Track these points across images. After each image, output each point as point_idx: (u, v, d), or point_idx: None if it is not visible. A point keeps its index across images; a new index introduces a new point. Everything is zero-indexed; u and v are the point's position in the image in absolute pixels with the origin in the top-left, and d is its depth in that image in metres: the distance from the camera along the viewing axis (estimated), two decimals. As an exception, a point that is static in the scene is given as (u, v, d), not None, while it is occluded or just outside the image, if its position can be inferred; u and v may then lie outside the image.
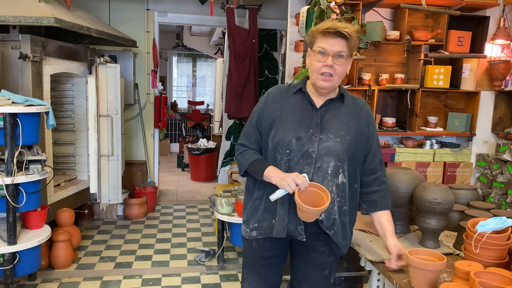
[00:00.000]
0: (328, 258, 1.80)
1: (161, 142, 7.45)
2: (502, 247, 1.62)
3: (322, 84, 1.65)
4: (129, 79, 5.01)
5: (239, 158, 1.78)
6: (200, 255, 3.75)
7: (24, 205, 2.92)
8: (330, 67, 1.62)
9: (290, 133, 1.66)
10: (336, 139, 1.66)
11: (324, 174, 1.65)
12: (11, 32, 3.26)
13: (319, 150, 1.64)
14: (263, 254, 1.80)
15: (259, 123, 1.76)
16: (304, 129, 1.66)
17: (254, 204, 1.77)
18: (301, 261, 1.81)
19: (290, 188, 1.55)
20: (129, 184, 5.18)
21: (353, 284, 2.97)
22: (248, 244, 1.82)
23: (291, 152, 1.65)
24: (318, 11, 3.13)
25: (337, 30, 1.59)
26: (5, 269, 2.88)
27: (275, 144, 1.68)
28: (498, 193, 3.51)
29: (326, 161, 1.64)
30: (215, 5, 4.83)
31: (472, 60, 3.58)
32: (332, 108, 1.72)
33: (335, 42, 1.61)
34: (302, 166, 1.64)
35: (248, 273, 1.85)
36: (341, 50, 1.62)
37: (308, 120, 1.68)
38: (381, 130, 3.59)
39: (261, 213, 1.74)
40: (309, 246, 1.77)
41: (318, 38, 1.64)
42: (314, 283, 1.81)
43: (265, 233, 1.74)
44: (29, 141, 2.89)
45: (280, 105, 1.73)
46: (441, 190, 1.91)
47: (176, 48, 9.85)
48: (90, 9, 4.82)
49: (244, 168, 1.74)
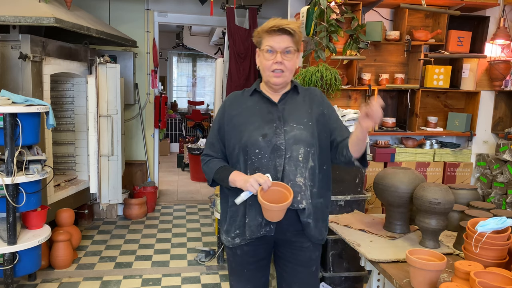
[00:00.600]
0: (314, 254, 1.83)
1: (161, 142, 7.46)
2: (502, 247, 1.62)
3: (275, 81, 1.72)
4: (129, 79, 5.01)
5: (205, 168, 1.83)
6: (200, 255, 3.76)
7: (24, 205, 2.92)
8: (280, 63, 1.69)
9: (255, 132, 1.70)
10: (300, 127, 1.72)
11: (296, 162, 1.69)
12: (11, 32, 3.26)
13: (286, 141, 1.69)
14: (249, 259, 1.82)
15: (221, 131, 1.80)
16: (268, 125, 1.72)
17: (231, 212, 1.80)
18: (287, 261, 1.82)
19: (253, 188, 1.59)
20: (129, 184, 5.18)
21: (353, 284, 2.97)
22: (232, 251, 1.83)
23: (260, 150, 1.69)
24: (318, 11, 3.13)
25: (281, 27, 1.65)
26: (5, 269, 2.88)
27: (243, 146, 1.71)
28: (498, 193, 3.51)
29: (295, 150, 1.69)
30: (215, 5, 4.83)
31: (472, 60, 3.58)
32: (289, 100, 1.79)
33: (281, 39, 1.67)
34: (274, 160, 1.68)
35: (236, 280, 1.87)
36: (287, 46, 1.68)
37: (270, 116, 1.74)
38: (381, 130, 3.59)
39: (240, 219, 1.76)
40: (294, 244, 1.79)
41: (264, 37, 1.71)
42: (304, 281, 1.82)
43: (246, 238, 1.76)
44: (29, 141, 2.89)
45: (240, 109, 1.78)
46: (441, 190, 1.91)
47: (176, 48, 9.85)
48: (90, 9, 4.82)
49: (211, 177, 1.79)
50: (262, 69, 1.75)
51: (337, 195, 2.86)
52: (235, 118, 1.76)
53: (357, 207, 2.89)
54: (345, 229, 2.26)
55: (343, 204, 2.89)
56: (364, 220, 2.38)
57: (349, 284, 2.96)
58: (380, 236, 2.12)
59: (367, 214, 2.56)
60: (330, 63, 3.34)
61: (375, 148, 3.52)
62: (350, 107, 3.56)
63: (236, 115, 1.77)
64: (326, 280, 2.90)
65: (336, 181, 2.85)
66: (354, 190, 2.90)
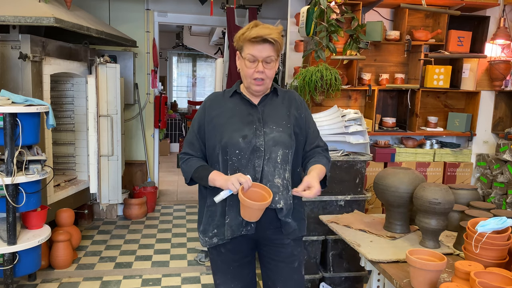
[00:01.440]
0: (295, 249, 1.86)
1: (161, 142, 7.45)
2: (502, 247, 1.62)
3: (256, 88, 1.76)
4: (129, 79, 5.01)
5: (184, 166, 1.83)
6: (200, 255, 3.75)
7: (24, 205, 2.92)
8: (262, 72, 1.72)
9: (235, 133, 1.73)
10: (279, 129, 1.76)
11: (274, 164, 1.72)
12: (11, 32, 3.26)
13: (266, 142, 1.73)
14: (233, 257, 1.85)
15: (201, 131, 1.82)
16: (248, 127, 1.75)
17: (209, 212, 1.82)
18: (271, 259, 1.86)
19: (234, 187, 1.61)
20: (129, 184, 5.18)
21: (353, 284, 2.97)
22: (216, 250, 1.85)
23: (240, 151, 1.71)
24: (318, 11, 3.13)
25: (263, 38, 1.67)
26: (5, 269, 2.88)
27: (223, 146, 1.73)
28: (498, 193, 3.51)
29: (274, 151, 1.73)
30: (215, 5, 4.83)
31: (472, 60, 3.58)
32: (268, 102, 1.83)
33: (262, 49, 1.70)
34: (253, 161, 1.71)
35: (222, 278, 1.89)
36: (269, 55, 1.71)
37: (250, 117, 1.77)
38: (381, 130, 3.59)
39: (219, 218, 1.78)
40: (274, 242, 1.82)
41: (245, 45, 1.73)
42: (287, 277, 1.85)
43: (225, 236, 1.77)
44: (29, 141, 2.88)
45: (220, 110, 1.81)
46: (441, 190, 1.91)
47: (176, 48, 9.85)
48: (90, 9, 4.82)
49: (189, 176, 1.80)
50: (243, 75, 1.78)
51: (337, 195, 2.86)
52: (215, 118, 1.79)
53: (357, 207, 2.89)
54: (345, 229, 2.26)
55: (343, 204, 2.88)
56: (364, 220, 2.38)
57: (349, 284, 2.96)
58: (380, 236, 2.12)
59: (367, 214, 2.56)
60: (330, 63, 3.34)
61: (375, 148, 3.52)
62: (350, 107, 3.56)
63: (216, 115, 1.80)
64: (326, 280, 2.90)
65: (336, 181, 2.85)
66: (354, 190, 2.90)
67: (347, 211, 2.82)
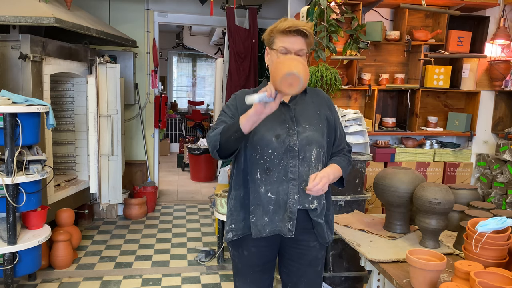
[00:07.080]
0: (320, 253, 1.82)
1: (161, 142, 7.46)
2: (502, 247, 1.62)
3: None
4: (129, 79, 5.01)
5: (210, 135, 1.67)
6: (200, 255, 3.76)
7: (24, 205, 2.92)
8: None
9: (268, 132, 1.68)
10: (312, 128, 1.73)
11: (309, 163, 1.70)
12: (11, 32, 3.26)
13: (299, 141, 1.69)
14: (256, 261, 1.81)
15: (235, 115, 1.72)
16: (281, 126, 1.70)
17: (229, 205, 1.79)
18: (294, 262, 1.81)
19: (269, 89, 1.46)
20: (129, 184, 5.18)
21: (353, 284, 2.97)
22: (239, 253, 1.82)
23: (274, 150, 1.67)
24: (318, 11, 3.13)
25: (297, 28, 1.62)
26: (5, 269, 2.88)
27: (254, 143, 1.69)
28: (498, 193, 3.51)
29: (308, 150, 1.70)
30: (215, 5, 4.83)
31: (472, 60, 3.58)
32: (299, 101, 1.78)
33: (295, 41, 1.64)
34: (285, 161, 1.68)
35: (241, 281, 1.86)
36: (301, 48, 1.66)
37: (282, 116, 1.72)
38: (381, 130, 3.59)
39: (238, 213, 1.75)
40: (301, 243, 1.77)
41: (277, 37, 1.67)
42: (311, 280, 1.82)
43: (242, 233, 1.75)
44: (29, 141, 2.89)
45: (250, 106, 1.69)
46: (441, 190, 1.91)
47: (176, 48, 9.85)
48: (90, 9, 4.82)
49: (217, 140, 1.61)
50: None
51: (337, 195, 2.86)
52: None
53: (357, 207, 2.89)
54: (345, 229, 2.26)
55: (343, 204, 2.89)
56: (364, 220, 2.38)
57: (349, 284, 2.96)
58: (380, 236, 2.13)
59: (367, 214, 2.56)
60: (330, 63, 3.34)
61: (375, 148, 3.52)
62: (350, 107, 3.56)
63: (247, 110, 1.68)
64: (326, 280, 2.91)
65: (336, 181, 2.85)
66: (354, 190, 2.90)
67: (347, 211, 2.82)
